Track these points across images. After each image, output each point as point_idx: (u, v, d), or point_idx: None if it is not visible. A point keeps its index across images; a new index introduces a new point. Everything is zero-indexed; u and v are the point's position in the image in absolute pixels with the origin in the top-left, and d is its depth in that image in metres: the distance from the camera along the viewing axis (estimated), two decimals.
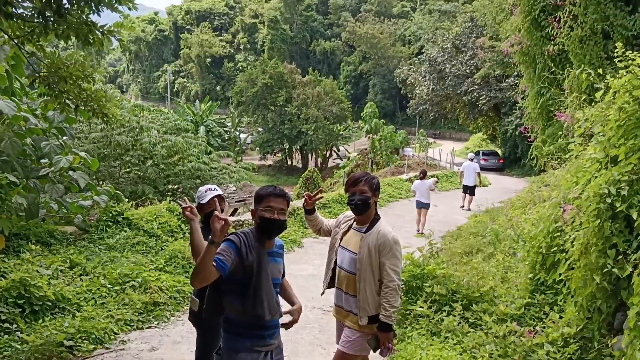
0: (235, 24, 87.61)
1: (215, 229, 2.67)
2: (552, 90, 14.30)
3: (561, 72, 12.73)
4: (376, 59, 64.80)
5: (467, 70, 34.85)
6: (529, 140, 16.86)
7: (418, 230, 12.79)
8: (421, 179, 13.21)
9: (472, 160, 17.25)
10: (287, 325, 3.24)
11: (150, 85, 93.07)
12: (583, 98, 6.57)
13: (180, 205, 3.57)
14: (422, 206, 13.08)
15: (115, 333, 5.72)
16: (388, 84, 63.08)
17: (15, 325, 5.27)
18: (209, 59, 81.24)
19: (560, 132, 10.45)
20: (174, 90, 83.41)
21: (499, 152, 36.38)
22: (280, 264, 3.17)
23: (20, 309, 5.53)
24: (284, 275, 3.28)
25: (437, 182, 14.60)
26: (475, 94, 33.78)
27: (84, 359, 5.09)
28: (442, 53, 37.16)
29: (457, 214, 15.55)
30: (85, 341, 5.31)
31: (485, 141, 45.32)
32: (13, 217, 7.46)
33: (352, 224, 3.78)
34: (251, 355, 2.93)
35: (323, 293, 3.96)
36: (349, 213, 3.83)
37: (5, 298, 5.49)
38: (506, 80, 31.61)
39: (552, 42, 13.12)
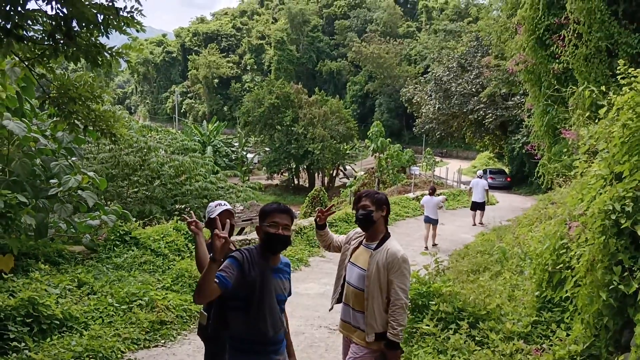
0: (242, 45, 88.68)
1: (216, 246, 2.68)
2: (557, 108, 14.36)
3: (566, 90, 12.78)
4: (382, 78, 65.24)
5: (473, 89, 34.98)
6: (536, 158, 16.88)
7: (425, 248, 12.89)
8: (430, 194, 13.48)
9: (480, 177, 17.45)
10: None
11: (159, 106, 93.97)
12: (587, 115, 6.61)
13: (186, 219, 3.64)
14: (430, 222, 13.31)
15: (122, 352, 5.73)
16: (394, 103, 63.38)
17: (23, 344, 5.30)
18: (216, 80, 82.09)
19: (566, 150, 10.46)
20: (182, 111, 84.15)
21: (506, 170, 36.31)
22: (285, 281, 3.17)
23: (29, 328, 5.56)
24: (289, 294, 3.28)
25: (446, 200, 14.89)
26: (481, 112, 33.85)
27: None
28: (447, 72, 37.37)
29: (464, 233, 15.50)
30: (92, 359, 5.33)
31: (492, 159, 45.30)
32: (22, 236, 7.56)
33: (363, 240, 3.81)
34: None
35: (332, 308, 3.98)
36: (360, 230, 3.87)
37: (14, 317, 5.52)
38: (512, 99, 31.69)
39: (557, 61, 13.20)
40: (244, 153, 46.82)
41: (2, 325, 5.39)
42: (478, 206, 16.89)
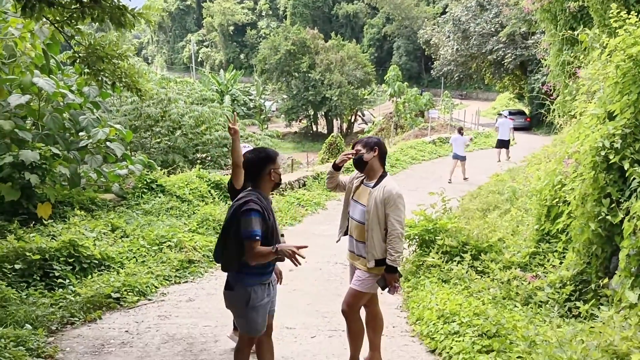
0: None
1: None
2: (573, 47, 14.26)
3: (582, 29, 12.68)
4: (400, 20, 63.80)
5: (492, 29, 34.27)
6: (551, 98, 16.87)
7: (449, 181, 14.68)
8: (459, 133, 15.37)
9: (506, 117, 18.78)
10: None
11: (175, 55, 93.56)
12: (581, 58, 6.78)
13: (229, 125, 4.29)
14: (458, 158, 15.22)
15: (155, 287, 6.33)
16: (412, 45, 62.19)
17: (67, 281, 5.92)
18: (231, 27, 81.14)
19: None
20: (199, 60, 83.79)
21: (526, 111, 36.00)
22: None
23: (71, 267, 6.17)
24: None
25: (472, 139, 17.00)
26: (500, 52, 33.30)
27: (129, 309, 5.71)
28: (466, 12, 36.53)
29: (479, 175, 15.77)
30: (129, 293, 5.92)
31: (512, 100, 44.76)
32: (57, 186, 8.14)
33: (363, 180, 4.21)
34: (262, 288, 3.53)
35: (338, 240, 4.44)
36: None
37: (57, 257, 6.12)
38: (532, 37, 31.03)
39: None
40: (262, 101, 46.96)
41: (47, 265, 6.01)
42: (503, 144, 18.18)
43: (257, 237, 3.31)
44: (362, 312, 4.26)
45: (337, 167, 4.30)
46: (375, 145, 4.08)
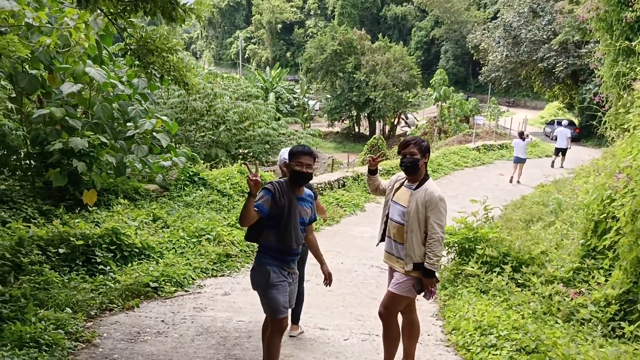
0: None
1: (251, 185, 3.54)
2: (629, 58, 13.77)
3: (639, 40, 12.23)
4: (449, 23, 62.96)
5: (544, 36, 33.42)
6: (604, 109, 16.34)
7: (510, 181, 15.68)
8: (520, 137, 16.26)
9: (565, 126, 20.02)
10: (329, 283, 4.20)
11: (223, 51, 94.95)
12: None
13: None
14: (519, 161, 15.92)
15: (193, 279, 6.41)
16: (461, 50, 61.29)
17: (108, 267, 6.06)
18: (279, 25, 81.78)
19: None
20: (246, 56, 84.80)
21: (575, 121, 34.98)
22: (307, 208, 3.98)
23: (113, 254, 6.31)
24: (314, 218, 4.14)
25: (531, 139, 18.60)
26: (552, 60, 32.44)
27: (166, 299, 5.81)
28: (518, 17, 35.70)
29: (524, 184, 15.42)
30: (167, 284, 6.02)
31: (561, 110, 43.56)
32: (103, 174, 8.35)
33: (404, 181, 4.16)
34: (279, 270, 3.84)
35: (378, 244, 4.39)
36: (402, 174, 4.21)
37: (99, 244, 6.27)
38: (586, 46, 30.11)
39: (630, 9, 12.60)
40: (306, 100, 47.09)
41: (90, 251, 6.16)
42: (560, 151, 19.41)
43: (256, 209, 3.65)
44: (399, 318, 4.21)
45: (372, 172, 4.32)
46: (427, 151, 4.03)
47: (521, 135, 16.52)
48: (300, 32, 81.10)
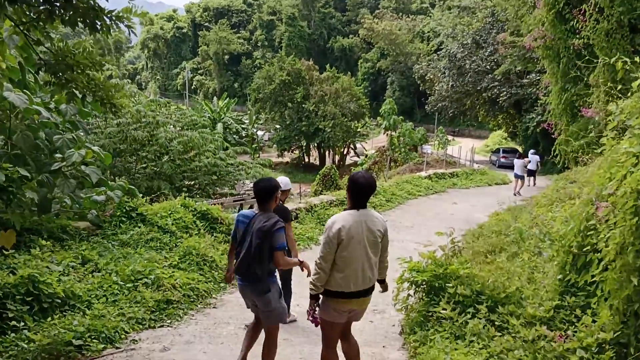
0: (253, 21, 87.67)
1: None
2: (576, 85, 13.88)
3: (587, 66, 12.31)
4: (394, 55, 64.18)
5: (488, 67, 34.26)
6: (553, 136, 16.44)
7: (514, 194, 18.72)
8: (518, 157, 20.71)
9: (533, 154, 22.43)
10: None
11: (169, 82, 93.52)
12: (619, 88, 6.21)
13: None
14: (518, 177, 20.02)
15: (126, 332, 5.54)
16: (406, 80, 62.48)
17: (22, 323, 5.10)
18: (227, 56, 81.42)
19: (590, 127, 10.08)
20: (192, 87, 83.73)
21: (519, 149, 35.75)
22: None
23: (29, 306, 5.35)
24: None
25: (528, 160, 21.35)
26: (495, 90, 33.21)
27: (93, 359, 4.91)
28: (462, 49, 36.54)
29: (477, 213, 15.16)
30: (94, 340, 5.12)
31: (505, 139, 44.64)
32: (25, 211, 7.34)
33: None
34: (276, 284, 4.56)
35: None
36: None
37: (13, 295, 5.31)
38: (527, 77, 30.98)
39: (577, 36, 12.72)
40: (255, 130, 46.42)
41: (1, 304, 5.20)
42: (531, 173, 22.09)
43: (286, 248, 4.39)
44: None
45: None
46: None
47: (520, 156, 20.94)
48: (247, 62, 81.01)
